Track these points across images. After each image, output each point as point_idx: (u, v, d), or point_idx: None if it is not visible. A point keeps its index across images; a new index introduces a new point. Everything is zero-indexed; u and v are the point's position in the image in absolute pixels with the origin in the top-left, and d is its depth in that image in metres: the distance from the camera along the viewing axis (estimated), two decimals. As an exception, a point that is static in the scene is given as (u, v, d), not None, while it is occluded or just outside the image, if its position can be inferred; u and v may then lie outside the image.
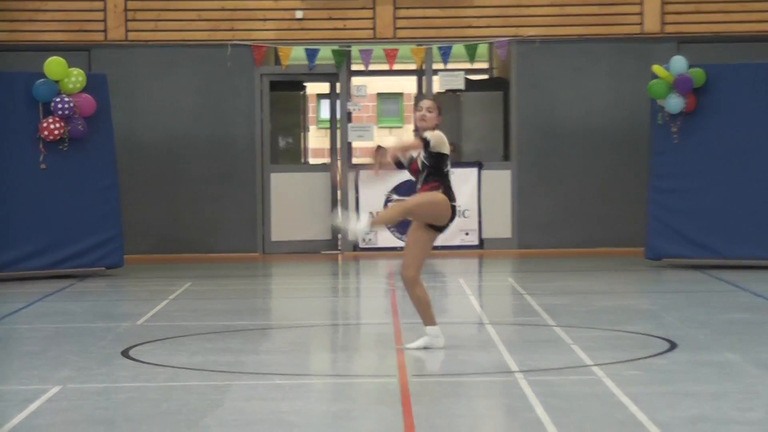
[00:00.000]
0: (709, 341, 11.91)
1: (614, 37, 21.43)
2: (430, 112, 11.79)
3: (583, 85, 21.47)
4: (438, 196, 11.61)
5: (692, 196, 18.80)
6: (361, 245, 21.21)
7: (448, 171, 11.77)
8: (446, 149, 11.72)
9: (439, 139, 11.68)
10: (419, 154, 11.76)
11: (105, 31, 21.35)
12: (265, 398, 9.65)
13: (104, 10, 21.30)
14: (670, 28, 21.41)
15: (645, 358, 11.06)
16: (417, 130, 11.89)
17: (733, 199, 18.59)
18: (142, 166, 21.20)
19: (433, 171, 11.72)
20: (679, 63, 18.71)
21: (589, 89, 21.46)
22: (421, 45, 21.57)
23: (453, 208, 11.75)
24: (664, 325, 12.99)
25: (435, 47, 21.55)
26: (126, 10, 21.31)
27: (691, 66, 18.72)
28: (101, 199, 18.68)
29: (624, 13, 21.43)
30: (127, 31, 21.36)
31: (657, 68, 18.80)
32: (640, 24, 21.43)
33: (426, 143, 11.62)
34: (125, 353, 11.70)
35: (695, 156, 18.78)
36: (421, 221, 11.70)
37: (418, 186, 11.83)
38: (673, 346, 11.66)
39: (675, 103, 18.63)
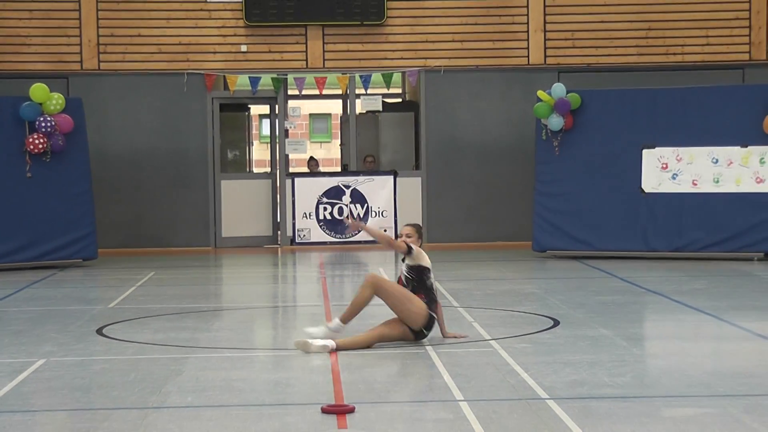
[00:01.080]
0: (585, 319, 11.96)
1: (505, 67, 21.49)
2: (409, 237, 10.53)
3: (480, 107, 21.51)
4: (416, 300, 10.40)
5: (570, 199, 18.88)
6: (297, 241, 21.14)
7: (432, 285, 10.56)
8: (426, 263, 10.53)
9: (420, 253, 10.49)
10: (402, 269, 10.59)
11: (81, 61, 21.12)
12: (217, 368, 9.59)
13: (80, 44, 21.08)
14: (551, 60, 21.50)
15: (533, 333, 11.08)
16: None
17: (603, 201, 18.69)
18: (112, 174, 20.99)
19: (417, 285, 10.49)
20: (559, 89, 18.79)
21: (485, 110, 21.51)
22: (345, 74, 21.52)
23: (431, 317, 10.45)
24: (548, 306, 13.02)
25: (357, 75, 21.51)
26: (99, 44, 21.10)
27: (569, 91, 18.80)
28: (78, 202, 18.52)
29: (513, 48, 21.49)
30: (100, 61, 21.15)
31: (541, 93, 18.88)
32: (527, 57, 21.50)
33: (409, 249, 10.44)
34: (99, 331, 11.58)
35: (573, 166, 18.87)
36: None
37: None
38: (556, 323, 11.70)
39: (556, 122, 18.71)
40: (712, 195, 18.17)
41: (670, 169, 18.37)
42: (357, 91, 21.85)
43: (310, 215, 21.22)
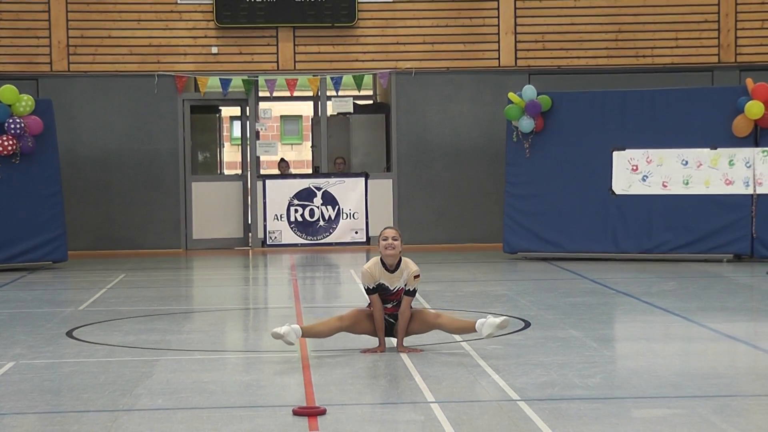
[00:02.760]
0: (556, 320, 11.98)
1: (476, 69, 21.53)
2: (395, 240, 9.94)
3: (451, 109, 21.54)
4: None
5: (541, 201, 18.93)
6: (268, 243, 21.11)
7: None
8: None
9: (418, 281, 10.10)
10: (403, 289, 10.06)
11: (50, 63, 21.03)
12: (188, 370, 9.57)
13: (50, 45, 20.99)
14: (521, 62, 21.55)
15: (504, 335, 11.09)
16: (382, 261, 10.02)
17: (573, 202, 18.74)
18: (83, 176, 20.92)
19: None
20: (529, 91, 18.83)
21: (456, 112, 21.54)
22: (316, 75, 21.51)
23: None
24: (519, 307, 13.05)
25: (328, 77, 21.50)
26: (68, 45, 21.02)
27: (539, 93, 18.85)
28: (48, 203, 18.44)
29: (484, 50, 21.53)
30: (69, 63, 21.06)
31: (512, 95, 18.92)
32: (497, 59, 21.54)
33: (413, 293, 10.12)
34: (69, 334, 11.53)
35: (543, 167, 18.91)
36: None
37: (387, 305, 10.13)
38: (526, 324, 11.72)
39: (527, 123, 18.75)
40: (681, 197, 18.26)
41: (640, 171, 18.44)
42: (328, 93, 21.85)
43: (281, 217, 21.20)
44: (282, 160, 24.34)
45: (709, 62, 21.53)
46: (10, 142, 17.88)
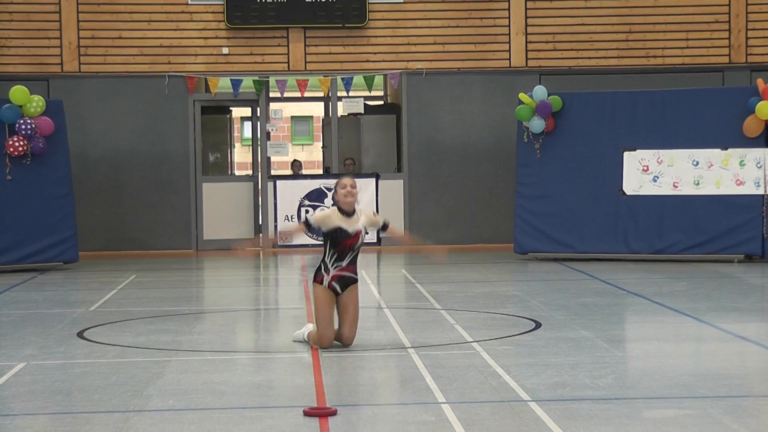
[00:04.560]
0: (566, 321, 11.97)
1: (487, 69, 21.52)
2: (353, 188, 10.43)
3: (462, 109, 21.54)
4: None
5: (551, 201, 18.92)
6: (279, 243, 21.12)
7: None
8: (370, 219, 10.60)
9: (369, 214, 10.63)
10: (362, 231, 10.40)
11: (61, 63, 21.07)
12: (199, 371, 9.57)
13: (60, 46, 21.03)
14: (532, 63, 21.54)
15: (514, 335, 11.09)
16: (340, 209, 10.39)
17: (584, 203, 18.73)
18: (93, 177, 20.95)
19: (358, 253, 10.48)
20: (540, 91, 18.82)
21: (466, 113, 21.53)
22: (327, 76, 21.51)
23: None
24: (530, 308, 13.04)
25: (339, 78, 21.50)
26: (79, 46, 21.05)
27: (550, 94, 18.84)
28: (58, 204, 18.47)
29: (494, 50, 21.52)
30: (80, 64, 21.10)
31: (522, 96, 18.90)
32: (508, 59, 21.53)
33: (385, 226, 10.61)
34: (80, 334, 11.55)
35: (554, 168, 18.90)
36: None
37: (344, 264, 10.41)
38: (537, 325, 11.71)
39: (537, 124, 18.74)
40: (692, 197, 18.23)
41: (651, 172, 18.42)
42: (339, 94, 21.85)
43: (291, 218, 21.20)
44: (295, 160, 24.34)
45: (719, 63, 21.49)
46: (21, 143, 17.91)
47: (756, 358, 10.14)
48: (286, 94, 21.72)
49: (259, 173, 21.84)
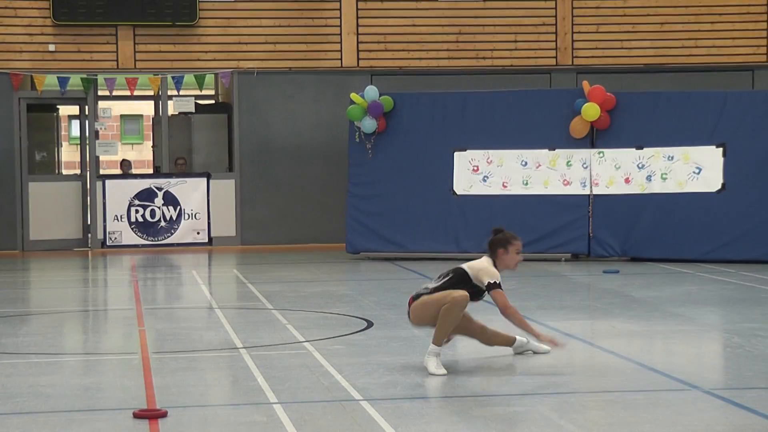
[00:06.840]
0: (398, 320, 12.02)
1: (318, 69, 21.54)
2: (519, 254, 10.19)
3: (293, 109, 21.52)
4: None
5: (383, 201, 19.02)
6: (108, 244, 20.80)
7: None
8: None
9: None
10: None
11: None
12: (24, 374, 9.36)
13: None
14: (364, 63, 21.63)
15: (346, 335, 11.11)
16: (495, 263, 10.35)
17: (415, 203, 18.87)
18: None
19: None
20: (372, 92, 18.91)
21: (298, 113, 21.52)
22: (157, 75, 21.27)
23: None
24: (362, 307, 13.08)
25: (169, 77, 21.28)
26: None
27: (381, 94, 18.95)
28: None
29: (326, 50, 21.56)
30: None
31: (354, 96, 18.97)
32: (340, 59, 21.59)
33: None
34: None
35: (385, 168, 19.01)
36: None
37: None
38: (369, 324, 11.75)
39: (369, 124, 18.83)
40: (521, 197, 18.53)
41: (481, 172, 18.66)
42: (169, 93, 21.63)
43: (121, 218, 20.91)
44: (124, 160, 24.00)
45: (547, 65, 21.91)
46: None
47: (582, 355, 10.34)
48: (115, 93, 21.41)
49: (88, 172, 21.47)
